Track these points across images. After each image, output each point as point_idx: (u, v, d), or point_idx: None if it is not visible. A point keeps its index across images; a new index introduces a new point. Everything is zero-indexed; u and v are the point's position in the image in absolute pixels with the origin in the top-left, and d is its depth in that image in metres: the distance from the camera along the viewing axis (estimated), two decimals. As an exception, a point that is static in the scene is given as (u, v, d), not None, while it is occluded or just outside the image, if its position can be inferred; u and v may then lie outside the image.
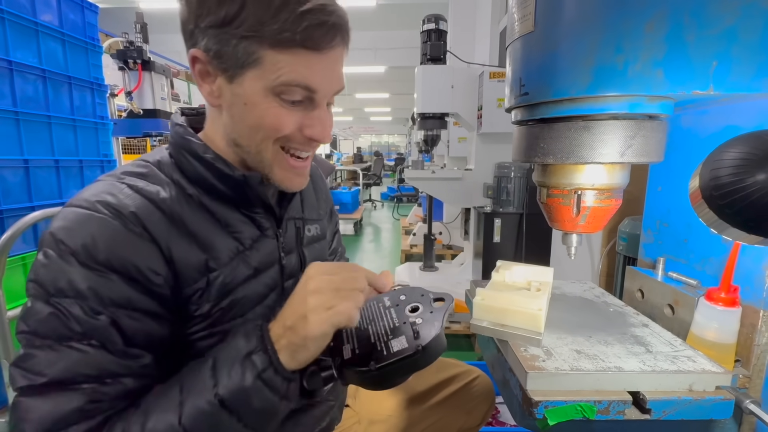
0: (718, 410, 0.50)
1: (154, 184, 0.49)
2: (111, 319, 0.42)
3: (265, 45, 0.44)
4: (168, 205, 0.48)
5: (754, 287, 0.59)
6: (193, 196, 0.50)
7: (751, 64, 0.49)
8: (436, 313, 0.46)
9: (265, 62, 0.44)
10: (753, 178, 0.34)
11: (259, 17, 0.43)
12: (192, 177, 0.51)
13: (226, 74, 0.46)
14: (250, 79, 0.46)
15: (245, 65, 0.45)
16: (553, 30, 0.53)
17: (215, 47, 0.45)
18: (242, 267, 0.52)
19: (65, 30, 1.44)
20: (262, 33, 0.43)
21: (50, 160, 1.40)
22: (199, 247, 0.48)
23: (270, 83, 0.45)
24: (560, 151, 0.56)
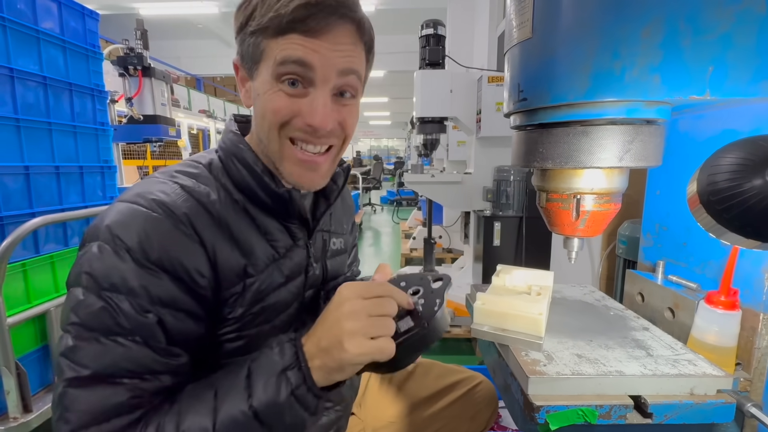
0: (719, 414, 0.50)
1: (205, 185, 0.50)
2: (158, 317, 0.43)
3: (268, 36, 0.47)
4: (216, 208, 0.49)
5: (753, 290, 0.59)
6: (239, 202, 0.52)
7: (747, 68, 0.50)
8: (436, 292, 0.48)
9: (269, 52, 0.48)
10: (750, 183, 0.34)
11: (263, 13, 0.47)
12: (239, 183, 0.53)
13: (249, 74, 0.52)
14: (262, 73, 0.50)
15: (257, 60, 0.49)
16: (551, 36, 0.54)
17: (242, 52, 0.51)
18: (276, 274, 0.54)
19: (66, 37, 1.45)
20: (262, 24, 0.47)
21: (51, 167, 1.40)
22: (240, 252, 0.50)
23: (272, 71, 0.48)
24: (559, 156, 0.56)
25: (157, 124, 2.04)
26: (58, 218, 1.34)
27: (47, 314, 1.32)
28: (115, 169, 1.70)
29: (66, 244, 1.46)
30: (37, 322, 1.32)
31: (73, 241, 1.49)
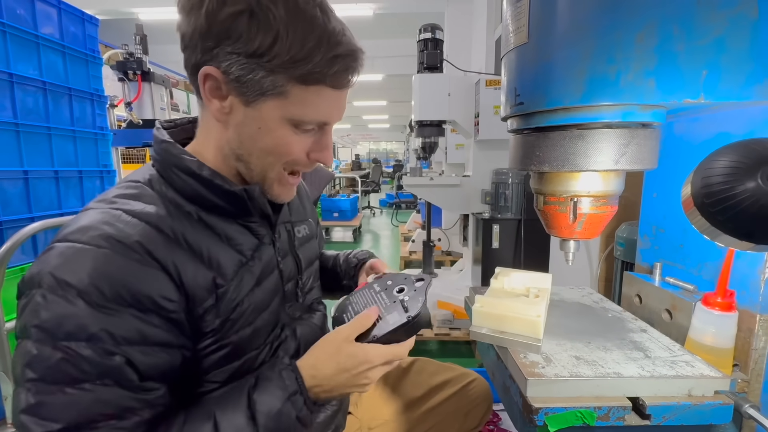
0: (717, 415, 0.50)
1: (150, 204, 0.47)
2: (125, 357, 0.41)
3: (293, 80, 0.45)
4: (169, 224, 0.46)
5: (750, 292, 0.59)
6: (192, 213, 0.49)
7: (740, 72, 0.50)
8: (419, 290, 0.55)
9: (290, 95, 0.46)
10: (743, 186, 0.35)
11: (292, 55, 0.43)
12: (187, 194, 0.50)
13: (243, 97, 0.46)
14: (270, 107, 0.46)
15: (267, 94, 0.45)
16: (547, 41, 0.54)
17: (238, 72, 0.44)
18: (247, 278, 0.52)
19: (66, 42, 1.46)
20: (292, 70, 0.44)
21: (50, 171, 1.40)
22: (205, 266, 0.48)
23: (290, 115, 0.47)
24: (555, 160, 0.56)
25: (157, 128, 2.04)
26: (57, 223, 1.34)
27: (46, 319, 1.32)
28: (115, 174, 1.71)
29: (65, 248, 1.46)
30: (35, 327, 1.31)
31: (72, 246, 1.49)
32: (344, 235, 5.23)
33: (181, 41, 0.47)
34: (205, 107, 0.50)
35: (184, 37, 0.46)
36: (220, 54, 0.44)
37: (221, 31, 0.43)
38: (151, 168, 0.52)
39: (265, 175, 0.52)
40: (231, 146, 0.50)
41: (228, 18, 0.42)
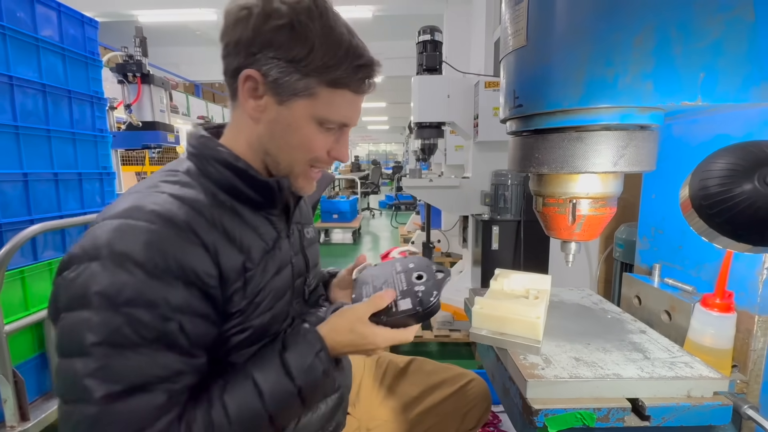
0: (716, 416, 0.50)
1: (191, 189, 0.52)
2: (178, 324, 0.45)
3: (323, 84, 0.52)
4: (208, 210, 0.51)
5: (748, 293, 0.59)
6: (225, 202, 0.54)
7: (738, 75, 0.51)
8: (436, 283, 0.58)
9: (319, 97, 0.52)
10: (740, 188, 0.35)
11: (325, 62, 0.50)
12: (221, 184, 0.55)
13: (277, 97, 0.52)
14: (300, 106, 0.53)
15: (299, 95, 0.52)
16: (545, 44, 0.55)
17: (276, 75, 0.51)
18: (270, 265, 0.57)
19: (65, 45, 1.46)
20: (324, 75, 0.51)
21: (49, 174, 1.40)
22: (237, 249, 0.52)
23: (317, 114, 0.53)
24: (554, 162, 0.57)
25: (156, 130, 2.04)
26: (56, 225, 1.34)
27: (45, 322, 1.32)
28: (114, 176, 1.71)
29: (65, 250, 1.46)
30: (34, 330, 1.31)
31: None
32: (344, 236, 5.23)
33: (224, 48, 0.53)
34: (238, 107, 0.55)
35: (228, 45, 0.52)
36: (261, 59, 0.50)
37: (265, 40, 0.50)
38: (186, 160, 0.57)
39: (291, 169, 0.57)
40: (261, 141, 0.56)
41: (272, 30, 0.49)
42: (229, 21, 0.52)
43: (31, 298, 1.29)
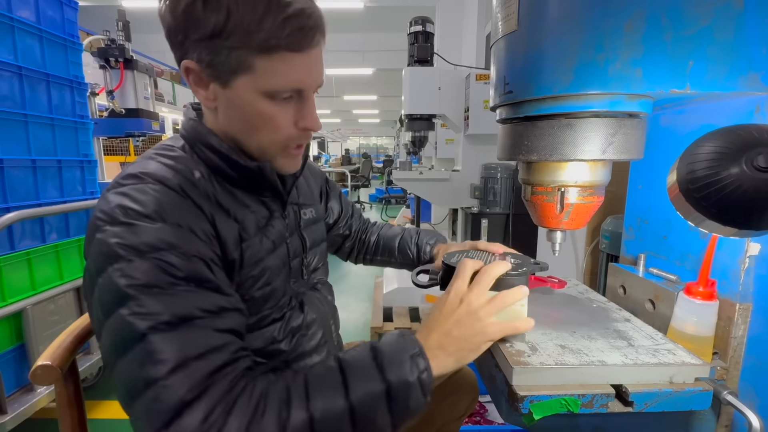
0: (697, 401, 0.51)
1: (186, 166, 0.53)
2: (205, 263, 0.46)
3: (255, 52, 0.47)
4: (203, 184, 0.52)
5: (730, 281, 0.60)
6: (218, 181, 0.55)
7: (725, 63, 0.51)
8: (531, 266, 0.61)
9: (256, 68, 0.48)
10: (727, 171, 0.35)
11: (245, 27, 0.46)
12: (211, 166, 0.55)
13: (219, 80, 0.50)
14: (243, 84, 0.49)
15: (237, 71, 0.49)
16: (536, 29, 0.54)
17: (207, 58, 0.48)
18: (265, 240, 0.57)
19: (43, 26, 1.40)
20: (250, 42, 0.46)
21: (27, 160, 1.35)
22: (233, 220, 0.53)
23: (262, 87, 0.49)
24: (544, 149, 0.56)
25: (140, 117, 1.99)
26: (34, 213, 1.30)
27: (24, 312, 1.28)
28: (96, 164, 1.66)
29: (43, 240, 1.42)
30: (12, 321, 1.27)
31: (51, 237, 1.44)
32: (334, 229, 5.19)
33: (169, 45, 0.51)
34: None
35: (167, 40, 0.51)
36: (189, 46, 0.48)
37: (183, 24, 0.47)
38: (180, 139, 0.57)
39: (264, 152, 0.56)
40: (226, 129, 0.55)
41: (185, 8, 0.46)
42: (159, 14, 0.50)
43: (8, 289, 1.25)
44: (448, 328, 0.50)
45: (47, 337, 1.35)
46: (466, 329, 0.50)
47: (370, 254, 0.92)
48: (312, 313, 0.66)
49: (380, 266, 0.96)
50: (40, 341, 1.32)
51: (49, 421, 1.44)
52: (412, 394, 0.45)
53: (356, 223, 0.93)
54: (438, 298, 0.56)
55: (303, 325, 0.64)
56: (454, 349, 0.49)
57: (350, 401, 0.43)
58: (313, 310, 0.66)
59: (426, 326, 0.52)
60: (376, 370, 0.45)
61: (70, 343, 0.59)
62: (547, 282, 0.80)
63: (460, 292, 0.52)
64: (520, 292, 0.52)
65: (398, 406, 0.45)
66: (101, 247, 0.44)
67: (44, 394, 1.30)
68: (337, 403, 0.43)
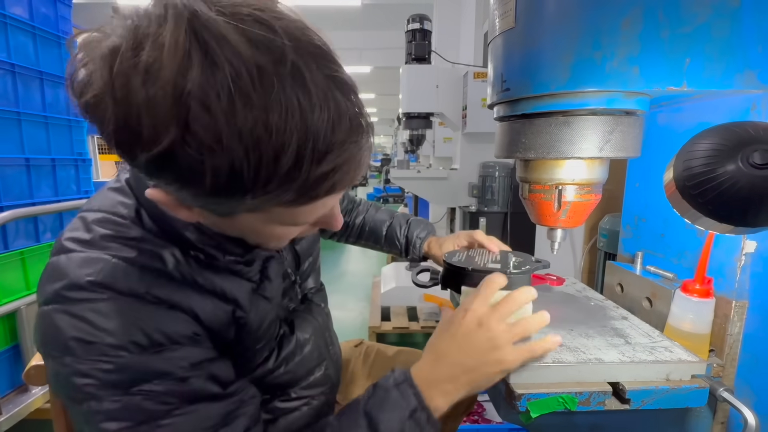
0: (693, 398, 0.51)
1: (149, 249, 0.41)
2: (203, 375, 0.41)
3: (276, 206, 0.35)
4: (176, 269, 0.42)
5: (726, 279, 0.60)
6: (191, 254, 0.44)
7: (722, 61, 0.51)
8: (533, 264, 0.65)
9: (275, 212, 0.36)
10: (723, 168, 0.35)
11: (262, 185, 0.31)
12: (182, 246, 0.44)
13: (214, 213, 0.37)
14: (248, 217, 0.37)
15: (240, 212, 0.36)
16: (534, 26, 0.54)
17: (198, 204, 0.35)
18: (261, 302, 0.50)
19: (36, 23, 1.39)
20: (267, 204, 0.34)
21: (20, 159, 1.34)
22: (221, 301, 0.45)
23: (281, 221, 0.39)
24: (541, 146, 0.56)
25: (135, 116, 1.97)
26: (28, 212, 1.29)
27: (18, 312, 1.27)
28: (90, 163, 1.65)
29: (37, 239, 1.40)
30: (6, 321, 1.26)
31: (45, 237, 1.43)
32: (331, 228, 5.18)
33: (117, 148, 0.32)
34: None
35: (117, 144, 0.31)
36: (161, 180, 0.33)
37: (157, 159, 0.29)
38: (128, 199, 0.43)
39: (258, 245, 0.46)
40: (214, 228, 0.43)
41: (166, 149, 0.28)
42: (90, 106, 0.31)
43: (1, 289, 1.24)
44: (461, 356, 0.45)
45: (42, 337, 1.34)
46: (483, 358, 0.44)
47: (353, 237, 0.88)
48: (305, 333, 0.59)
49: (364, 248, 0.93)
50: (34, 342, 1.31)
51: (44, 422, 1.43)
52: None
53: (343, 204, 0.87)
54: (444, 308, 0.55)
55: (296, 348, 0.57)
56: (465, 380, 0.45)
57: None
58: (306, 330, 0.60)
59: (434, 351, 0.47)
60: None
61: (64, 343, 0.58)
62: (546, 279, 0.80)
63: (477, 313, 0.46)
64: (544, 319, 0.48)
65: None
66: (70, 381, 0.36)
67: (39, 394, 1.29)
68: None
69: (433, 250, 0.82)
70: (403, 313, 2.17)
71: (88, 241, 0.40)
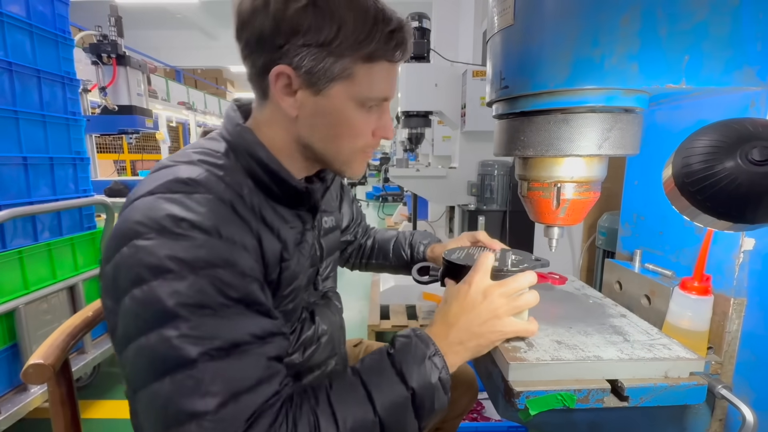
0: (692, 395, 0.51)
1: (233, 177, 0.49)
2: (256, 281, 0.45)
3: (359, 61, 0.48)
4: (249, 198, 0.49)
5: (725, 276, 0.60)
6: (260, 192, 0.52)
7: (721, 58, 0.51)
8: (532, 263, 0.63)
9: (356, 76, 0.49)
10: (722, 165, 0.35)
11: (356, 37, 0.47)
12: (254, 179, 0.52)
13: (313, 88, 0.49)
14: (338, 91, 0.49)
15: (336, 79, 0.49)
16: (532, 23, 0.54)
17: (309, 64, 0.47)
18: (301, 258, 0.56)
19: (33, 21, 1.38)
20: (358, 51, 0.47)
21: (18, 158, 1.33)
22: (276, 238, 0.51)
23: (358, 94, 0.50)
24: (540, 144, 0.56)
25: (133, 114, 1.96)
26: (26, 211, 1.28)
27: (16, 312, 1.27)
28: (89, 161, 1.64)
29: (36, 238, 1.40)
30: (5, 320, 1.26)
31: (43, 236, 1.42)
32: (330, 227, 5.18)
33: (245, 48, 0.50)
34: (269, 104, 0.53)
35: (249, 42, 0.49)
36: (290, 50, 0.47)
37: (290, 27, 0.46)
38: (221, 141, 0.54)
39: (338, 159, 0.55)
40: (301, 136, 0.53)
41: (295, 13, 0.45)
42: (244, 15, 0.47)
43: (0, 288, 1.23)
44: (468, 323, 0.51)
45: (40, 337, 1.34)
46: (487, 326, 0.51)
47: (365, 258, 0.92)
48: (323, 324, 0.64)
49: (375, 270, 0.95)
50: (33, 341, 1.30)
51: (42, 421, 1.43)
52: (436, 395, 0.46)
53: (361, 230, 0.93)
54: (446, 292, 0.56)
55: (314, 336, 0.62)
56: (473, 344, 0.51)
57: (378, 415, 0.43)
58: (325, 321, 0.65)
59: (444, 320, 0.52)
60: (398, 378, 0.45)
61: (63, 341, 0.58)
62: (548, 278, 0.80)
63: (481, 286, 0.52)
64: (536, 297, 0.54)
65: (424, 409, 0.46)
66: (143, 256, 0.40)
67: (38, 393, 1.29)
68: (366, 418, 0.43)
69: (436, 253, 0.84)
70: (402, 312, 2.17)
71: (186, 161, 0.49)
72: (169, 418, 0.38)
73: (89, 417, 1.52)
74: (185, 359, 0.38)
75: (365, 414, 0.43)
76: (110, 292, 0.43)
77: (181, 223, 0.41)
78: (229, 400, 0.38)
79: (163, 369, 0.38)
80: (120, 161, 5.79)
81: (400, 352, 0.48)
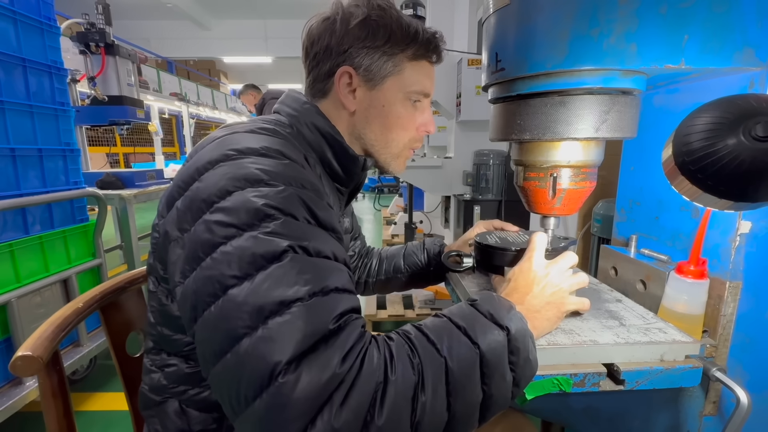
0: (687, 378, 0.51)
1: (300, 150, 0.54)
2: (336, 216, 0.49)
3: (407, 59, 0.60)
4: (313, 166, 0.56)
5: (720, 260, 0.60)
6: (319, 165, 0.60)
7: (721, 38, 0.50)
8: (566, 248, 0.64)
9: (405, 72, 0.60)
10: (724, 143, 0.34)
11: (403, 40, 0.59)
12: (314, 149, 0.60)
13: (369, 83, 0.60)
14: (391, 85, 0.60)
15: (388, 75, 0.60)
16: (529, 2, 0.52)
17: (366, 63, 0.59)
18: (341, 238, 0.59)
19: (17, 8, 1.34)
20: (406, 50, 0.60)
21: (5, 149, 1.31)
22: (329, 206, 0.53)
23: (406, 88, 0.61)
24: (537, 127, 0.55)
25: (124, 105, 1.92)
26: (15, 204, 1.26)
27: (8, 305, 1.25)
28: (79, 153, 1.61)
29: (26, 231, 1.38)
30: (-4, 314, 1.25)
31: (34, 229, 1.40)
32: (326, 219, 5.16)
33: (313, 59, 0.61)
34: (327, 102, 0.62)
35: (317, 54, 0.60)
36: (353, 52, 0.58)
37: (352, 37, 0.58)
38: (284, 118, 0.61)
39: (390, 151, 0.64)
40: (357, 128, 0.63)
41: (356, 27, 0.58)
42: (315, 34, 0.60)
43: (-10, 281, 1.21)
44: (541, 291, 0.53)
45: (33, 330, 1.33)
46: (556, 296, 0.53)
47: (373, 276, 0.91)
48: None
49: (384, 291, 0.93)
50: (26, 334, 1.29)
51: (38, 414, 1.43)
52: (529, 344, 0.46)
53: (360, 246, 0.93)
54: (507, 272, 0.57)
55: None
56: (548, 314, 0.52)
57: (480, 348, 0.42)
58: None
59: (514, 291, 0.53)
60: (490, 320, 0.45)
61: (52, 333, 0.57)
62: None
63: (542, 263, 0.55)
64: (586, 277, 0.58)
65: (520, 357, 0.44)
66: (233, 170, 0.43)
67: (33, 387, 1.28)
68: (467, 351, 0.42)
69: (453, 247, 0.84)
70: (398, 301, 2.17)
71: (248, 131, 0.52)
72: (264, 310, 0.37)
73: (85, 410, 1.52)
74: (275, 251, 0.39)
75: (468, 349, 0.42)
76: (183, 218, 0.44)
77: (269, 149, 0.47)
78: (319, 293, 0.39)
79: (252, 266, 0.39)
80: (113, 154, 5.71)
81: (485, 302, 0.48)
